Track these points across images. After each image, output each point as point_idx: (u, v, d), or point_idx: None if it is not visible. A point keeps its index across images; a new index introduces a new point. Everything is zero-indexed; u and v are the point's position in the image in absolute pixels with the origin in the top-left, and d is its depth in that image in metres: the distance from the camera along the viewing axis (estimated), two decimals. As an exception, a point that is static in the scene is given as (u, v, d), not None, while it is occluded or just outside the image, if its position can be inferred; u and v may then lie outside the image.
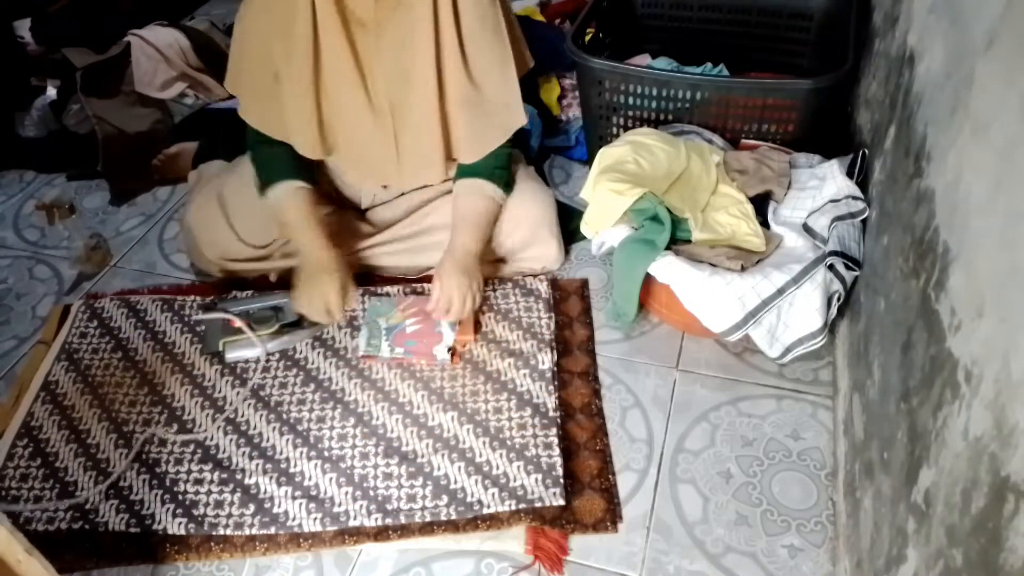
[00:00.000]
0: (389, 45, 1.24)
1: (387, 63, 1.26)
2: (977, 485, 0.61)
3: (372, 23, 1.22)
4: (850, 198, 1.23)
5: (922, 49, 1.03)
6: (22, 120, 1.97)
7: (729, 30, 1.79)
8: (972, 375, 0.66)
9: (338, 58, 1.24)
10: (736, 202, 1.32)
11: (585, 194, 1.37)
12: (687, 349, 1.36)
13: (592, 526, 1.11)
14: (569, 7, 2.16)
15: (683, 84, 1.44)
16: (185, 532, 1.12)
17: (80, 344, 1.41)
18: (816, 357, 1.30)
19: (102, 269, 1.61)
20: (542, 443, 1.20)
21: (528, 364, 1.32)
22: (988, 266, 0.66)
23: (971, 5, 0.83)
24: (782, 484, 1.15)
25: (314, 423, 1.26)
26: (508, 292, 1.45)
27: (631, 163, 1.34)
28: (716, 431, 1.23)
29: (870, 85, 1.39)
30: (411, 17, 1.22)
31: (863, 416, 1.03)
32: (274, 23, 1.23)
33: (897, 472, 0.83)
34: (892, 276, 0.98)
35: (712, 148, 1.41)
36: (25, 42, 2.06)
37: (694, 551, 1.08)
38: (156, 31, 2.06)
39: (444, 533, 1.11)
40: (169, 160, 1.84)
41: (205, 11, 2.53)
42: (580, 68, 1.53)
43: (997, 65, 0.72)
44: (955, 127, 0.81)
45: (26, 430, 1.27)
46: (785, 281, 1.18)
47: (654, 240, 1.23)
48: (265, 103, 1.31)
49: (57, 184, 1.89)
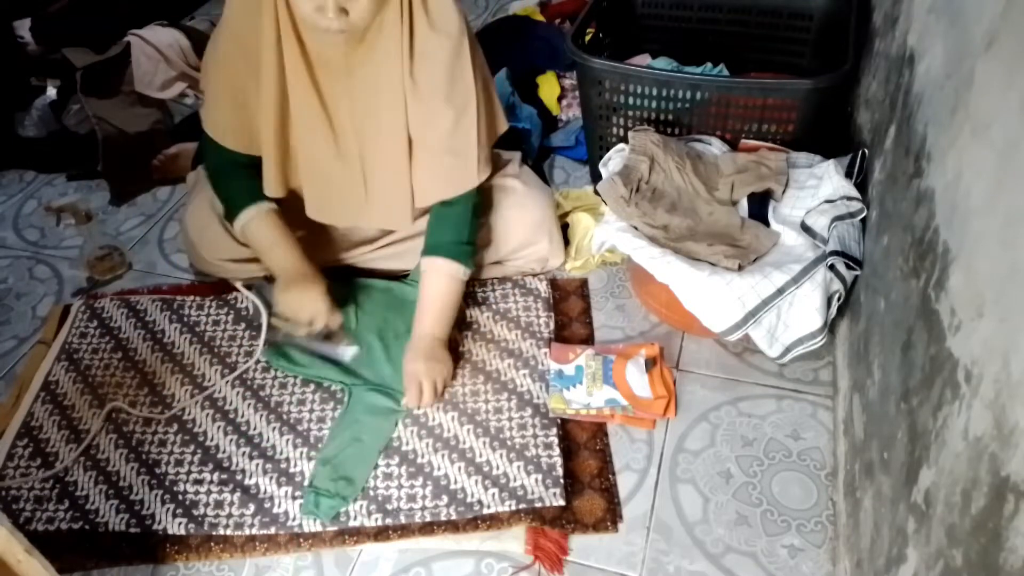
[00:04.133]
0: (359, 86, 1.21)
1: (356, 105, 1.23)
2: (977, 485, 0.61)
3: (342, 65, 1.20)
4: (846, 198, 1.23)
5: (922, 49, 1.03)
6: (22, 120, 1.97)
7: (729, 30, 1.79)
8: (972, 375, 0.66)
9: (304, 100, 1.22)
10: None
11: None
12: (687, 349, 1.36)
13: (592, 526, 1.11)
14: (569, 7, 2.16)
15: (683, 84, 1.44)
16: (185, 532, 1.12)
17: (80, 344, 1.41)
18: (816, 357, 1.30)
19: (111, 277, 1.60)
20: (542, 443, 1.20)
21: (528, 364, 1.32)
22: (988, 266, 0.66)
23: (971, 5, 0.83)
24: (782, 484, 1.15)
25: (314, 423, 1.25)
26: (507, 292, 1.45)
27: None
28: (716, 431, 1.23)
29: (870, 85, 1.39)
30: (380, 58, 1.18)
31: (863, 416, 1.03)
32: (245, 56, 1.21)
33: (897, 472, 0.83)
34: (892, 276, 0.98)
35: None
36: (25, 42, 2.05)
37: (694, 551, 1.08)
38: (156, 31, 2.06)
39: (444, 533, 1.11)
40: (169, 160, 1.84)
41: (205, 11, 2.53)
42: (580, 68, 1.53)
43: (997, 65, 0.72)
44: (955, 127, 0.81)
45: (26, 430, 1.27)
46: (785, 281, 1.18)
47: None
48: (239, 127, 1.28)
49: (57, 184, 1.90)
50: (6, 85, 1.97)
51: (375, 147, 1.27)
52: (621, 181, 1.35)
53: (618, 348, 1.33)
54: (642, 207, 1.33)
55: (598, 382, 1.25)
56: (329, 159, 1.29)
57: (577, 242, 1.52)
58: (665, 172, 1.38)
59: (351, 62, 1.19)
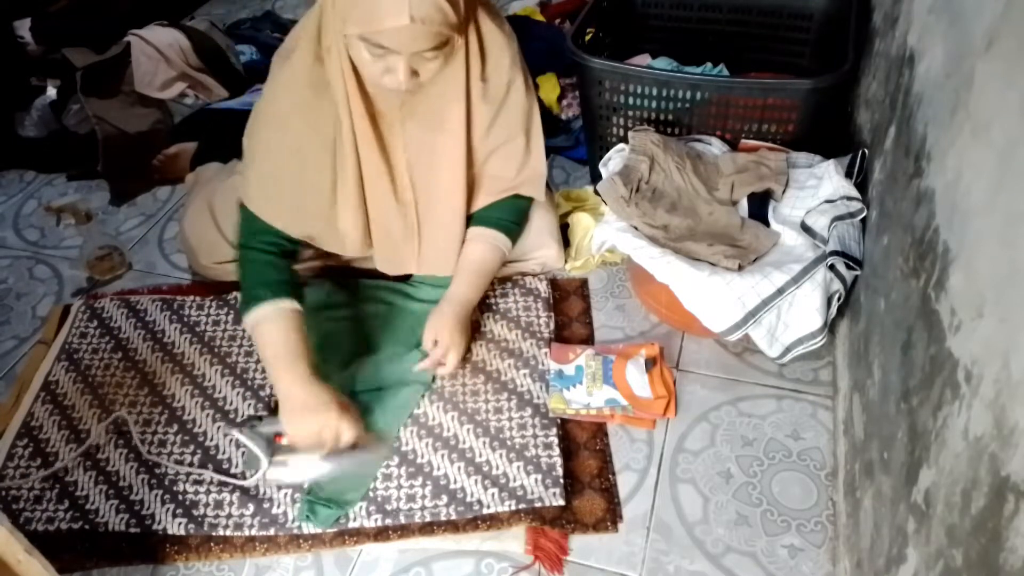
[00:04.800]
0: (416, 128, 1.21)
1: (412, 148, 1.23)
2: (977, 485, 0.61)
3: (396, 116, 1.20)
4: (846, 198, 1.23)
5: (922, 49, 1.03)
6: (22, 120, 1.97)
7: (729, 30, 1.79)
8: (972, 375, 0.66)
9: (370, 156, 1.21)
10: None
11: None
12: (687, 349, 1.36)
13: (592, 526, 1.11)
14: (569, 7, 2.16)
15: (683, 84, 1.44)
16: (185, 532, 1.12)
17: (80, 344, 1.41)
18: (816, 357, 1.30)
19: (111, 277, 1.60)
20: (542, 443, 1.19)
21: (528, 364, 1.32)
22: (988, 266, 0.66)
23: (971, 5, 0.83)
24: (782, 484, 1.15)
25: (314, 423, 1.25)
26: (507, 292, 1.45)
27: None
28: (716, 431, 1.23)
29: (870, 85, 1.39)
30: (441, 98, 1.18)
31: (863, 416, 1.03)
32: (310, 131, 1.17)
33: (897, 472, 0.83)
34: (892, 276, 0.98)
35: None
36: (25, 42, 2.06)
37: (694, 551, 1.08)
38: (156, 31, 2.06)
39: (444, 533, 1.11)
40: (169, 160, 1.84)
41: (205, 11, 2.54)
42: (580, 68, 1.53)
43: (997, 65, 0.72)
44: (955, 127, 0.81)
45: (26, 430, 1.27)
46: (785, 281, 1.18)
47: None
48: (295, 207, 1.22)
49: (57, 184, 1.90)
50: (6, 85, 1.97)
51: (431, 190, 1.28)
52: (621, 181, 1.35)
53: (618, 348, 1.33)
54: (642, 207, 1.33)
55: (598, 382, 1.25)
56: (391, 209, 1.28)
57: (577, 242, 1.52)
58: (665, 172, 1.38)
59: (406, 111, 1.19)
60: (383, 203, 1.27)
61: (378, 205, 1.28)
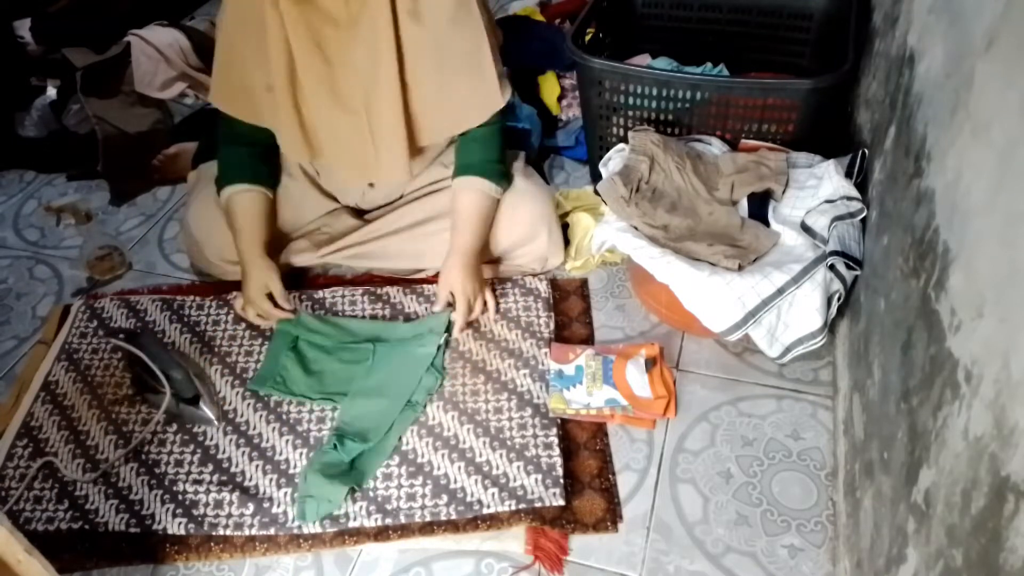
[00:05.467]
0: (360, 42, 1.24)
1: (358, 60, 1.26)
2: (977, 485, 0.61)
3: (344, 20, 1.22)
4: (846, 198, 1.23)
5: (922, 49, 1.03)
6: (22, 120, 1.97)
7: (729, 30, 1.79)
8: (972, 375, 0.66)
9: (310, 60, 1.25)
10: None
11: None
12: (687, 349, 1.36)
13: (592, 526, 1.11)
14: (569, 7, 2.16)
15: (683, 84, 1.44)
16: (185, 532, 1.12)
17: (80, 344, 1.41)
18: (816, 357, 1.30)
19: (111, 277, 1.60)
20: (542, 443, 1.19)
21: (528, 364, 1.32)
22: (988, 266, 0.66)
23: (971, 5, 0.83)
24: (782, 484, 1.15)
25: (314, 423, 1.25)
26: (507, 291, 1.45)
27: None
28: (716, 431, 1.23)
29: (870, 85, 1.39)
30: (375, 13, 1.22)
31: (863, 416, 1.03)
32: (248, 33, 1.26)
33: (897, 472, 0.83)
34: (892, 276, 0.98)
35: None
36: (25, 42, 2.05)
37: (694, 551, 1.08)
38: (156, 31, 2.06)
39: (444, 533, 1.11)
40: (169, 160, 1.84)
41: (205, 11, 2.53)
42: (580, 68, 1.53)
43: (997, 65, 0.72)
44: (955, 127, 0.81)
45: (26, 430, 1.27)
46: (785, 281, 1.18)
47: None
48: (250, 103, 1.33)
49: (57, 184, 1.90)
50: (6, 85, 1.97)
51: (376, 99, 1.29)
52: (621, 181, 1.35)
53: (618, 348, 1.33)
54: (642, 207, 1.33)
55: (598, 382, 1.25)
56: (338, 116, 1.30)
57: (577, 242, 1.52)
58: (665, 172, 1.38)
59: (351, 12, 1.21)
60: (329, 110, 1.30)
61: (324, 112, 1.30)
